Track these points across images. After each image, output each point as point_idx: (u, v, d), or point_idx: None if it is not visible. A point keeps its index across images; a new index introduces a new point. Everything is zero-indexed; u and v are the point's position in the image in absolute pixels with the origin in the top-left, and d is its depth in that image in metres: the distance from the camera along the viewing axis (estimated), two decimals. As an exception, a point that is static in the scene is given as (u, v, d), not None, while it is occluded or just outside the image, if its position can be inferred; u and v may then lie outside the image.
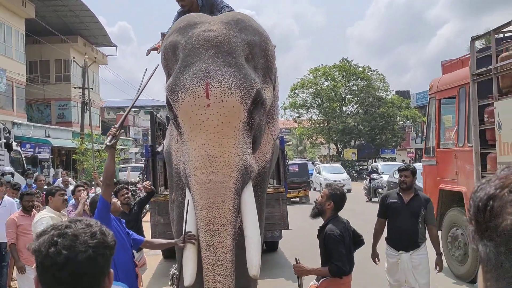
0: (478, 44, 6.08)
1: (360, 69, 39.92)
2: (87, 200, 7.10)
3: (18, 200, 7.29)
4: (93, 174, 8.91)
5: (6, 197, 6.74)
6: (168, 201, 5.90)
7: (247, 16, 4.01)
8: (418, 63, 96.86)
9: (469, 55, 6.49)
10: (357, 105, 41.24)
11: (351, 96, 41.11)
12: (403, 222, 4.69)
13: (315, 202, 3.99)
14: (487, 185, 0.57)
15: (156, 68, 4.56)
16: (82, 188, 6.51)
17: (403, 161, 33.58)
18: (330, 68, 39.90)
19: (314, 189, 23.49)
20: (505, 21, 5.90)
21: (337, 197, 3.82)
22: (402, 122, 41.78)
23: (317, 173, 24.97)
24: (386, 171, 19.24)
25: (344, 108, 41.67)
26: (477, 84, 6.17)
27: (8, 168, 9.46)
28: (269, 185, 7.53)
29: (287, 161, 8.96)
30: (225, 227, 3.43)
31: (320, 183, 22.33)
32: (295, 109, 41.16)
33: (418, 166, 8.77)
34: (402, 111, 38.49)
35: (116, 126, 3.84)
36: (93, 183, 10.91)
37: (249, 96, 3.51)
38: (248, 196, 3.64)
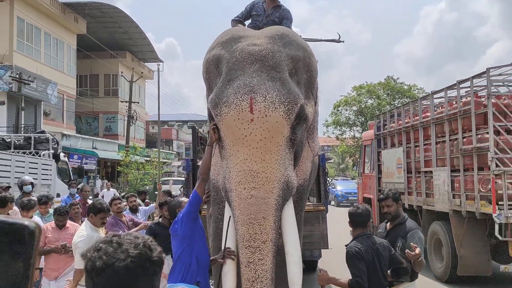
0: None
1: (405, 87, 39.22)
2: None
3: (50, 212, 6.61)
4: (158, 185, 9.06)
5: (35, 217, 6.15)
6: (206, 215, 5.88)
7: (291, 30, 3.98)
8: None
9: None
10: (402, 124, 40.38)
11: (396, 115, 40.37)
12: None
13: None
14: None
15: None
16: (119, 201, 6.52)
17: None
18: (374, 85, 39.41)
19: None
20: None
21: (350, 216, 3.72)
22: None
23: None
24: None
25: (388, 127, 40.95)
26: (377, 140, 11.22)
27: (28, 178, 8.92)
28: (309, 203, 7.40)
29: (328, 179, 8.79)
30: (266, 244, 3.36)
31: None
32: (338, 126, 40.78)
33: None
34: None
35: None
36: (156, 192, 11.31)
37: (293, 111, 3.45)
38: (289, 212, 3.56)
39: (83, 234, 4.68)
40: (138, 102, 31.64)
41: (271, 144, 3.41)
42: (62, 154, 12.92)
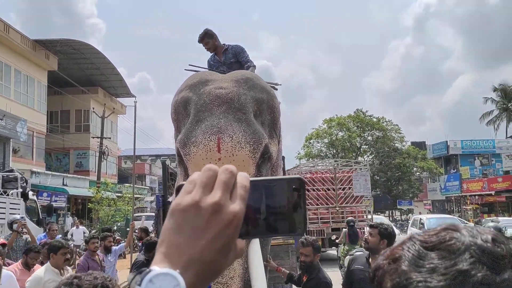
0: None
1: (375, 119, 40.14)
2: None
3: None
4: (131, 224, 9.00)
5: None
6: None
7: (255, 74, 4.21)
8: (434, 114, 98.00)
9: None
10: (373, 155, 41.17)
11: (366, 147, 41.14)
12: None
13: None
14: (380, 256, 0.68)
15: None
16: (96, 240, 6.53)
17: (419, 213, 33.11)
18: (344, 118, 40.22)
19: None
20: None
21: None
22: (418, 173, 41.45)
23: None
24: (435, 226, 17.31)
25: (359, 159, 41.61)
26: None
27: (17, 216, 9.12)
28: (278, 237, 7.52)
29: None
30: (233, 279, 3.44)
31: None
32: (310, 158, 41.22)
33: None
34: (418, 162, 38.27)
35: None
36: (128, 229, 11.19)
37: (258, 150, 3.61)
38: (255, 247, 3.66)
39: (38, 274, 4.49)
40: (110, 138, 31.43)
41: None
42: (30, 193, 12.74)
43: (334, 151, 40.60)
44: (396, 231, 21.01)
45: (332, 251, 14.15)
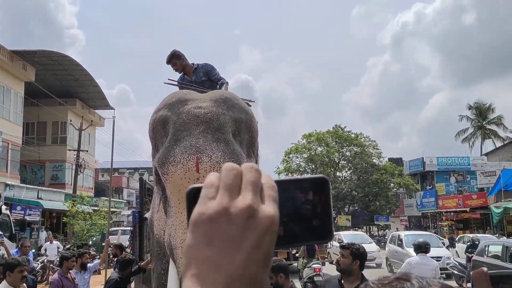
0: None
1: (353, 135, 40.57)
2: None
3: None
4: (106, 241, 8.86)
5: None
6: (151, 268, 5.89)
7: (233, 94, 4.25)
8: (411, 131, 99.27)
9: None
10: (351, 171, 41.53)
11: (345, 162, 41.49)
12: None
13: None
14: None
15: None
16: (74, 258, 6.45)
17: (397, 229, 33.43)
18: (323, 134, 40.55)
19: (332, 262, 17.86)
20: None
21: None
22: (395, 189, 41.92)
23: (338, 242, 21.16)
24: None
25: (337, 174, 41.94)
26: None
27: None
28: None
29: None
30: None
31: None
32: (289, 173, 41.36)
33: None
34: (395, 178, 38.72)
35: None
36: (103, 244, 11.05)
37: None
38: None
39: None
40: (87, 150, 31.02)
41: None
42: (4, 207, 12.51)
43: (313, 166, 40.84)
44: (375, 246, 21.11)
45: (295, 264, 15.44)
